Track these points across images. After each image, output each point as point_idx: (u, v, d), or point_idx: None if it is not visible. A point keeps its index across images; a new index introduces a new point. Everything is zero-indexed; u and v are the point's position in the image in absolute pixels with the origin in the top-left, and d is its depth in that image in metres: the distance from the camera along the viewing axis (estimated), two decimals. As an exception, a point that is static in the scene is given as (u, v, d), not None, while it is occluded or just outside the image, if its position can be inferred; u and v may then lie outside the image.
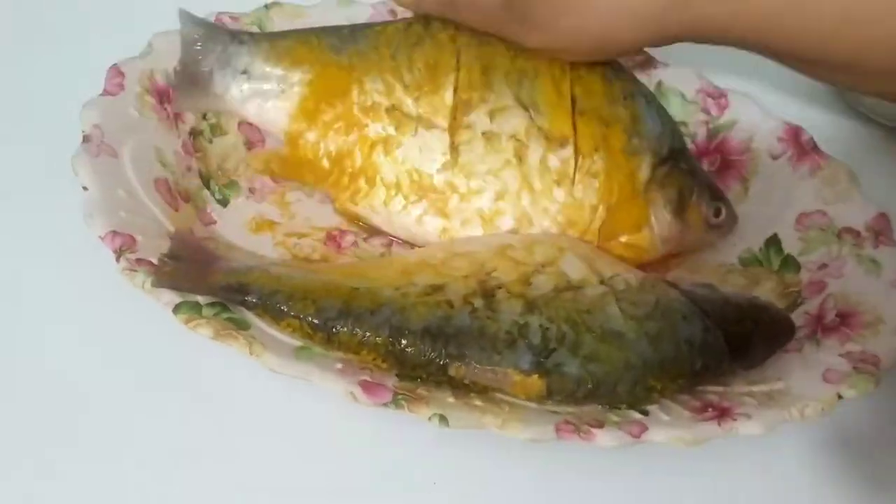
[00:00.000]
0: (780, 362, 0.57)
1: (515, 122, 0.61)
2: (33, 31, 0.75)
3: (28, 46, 0.73)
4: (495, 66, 0.62)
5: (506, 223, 0.61)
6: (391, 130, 0.61)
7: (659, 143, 0.63)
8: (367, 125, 0.62)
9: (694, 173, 0.64)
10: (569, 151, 0.61)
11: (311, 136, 0.62)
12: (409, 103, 0.61)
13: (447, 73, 0.62)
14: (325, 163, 0.62)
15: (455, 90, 0.61)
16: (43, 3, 0.76)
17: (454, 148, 0.61)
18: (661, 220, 0.62)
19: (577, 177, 0.61)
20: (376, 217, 0.62)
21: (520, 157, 0.60)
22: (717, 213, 0.63)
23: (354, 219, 0.63)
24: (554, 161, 0.61)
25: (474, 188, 0.61)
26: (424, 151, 0.61)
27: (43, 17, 0.75)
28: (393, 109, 0.61)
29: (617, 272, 0.57)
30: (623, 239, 0.62)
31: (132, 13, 0.74)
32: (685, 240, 0.64)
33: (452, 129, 0.61)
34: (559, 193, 0.61)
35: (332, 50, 0.63)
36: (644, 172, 0.62)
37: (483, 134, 0.61)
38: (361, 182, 0.62)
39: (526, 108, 0.61)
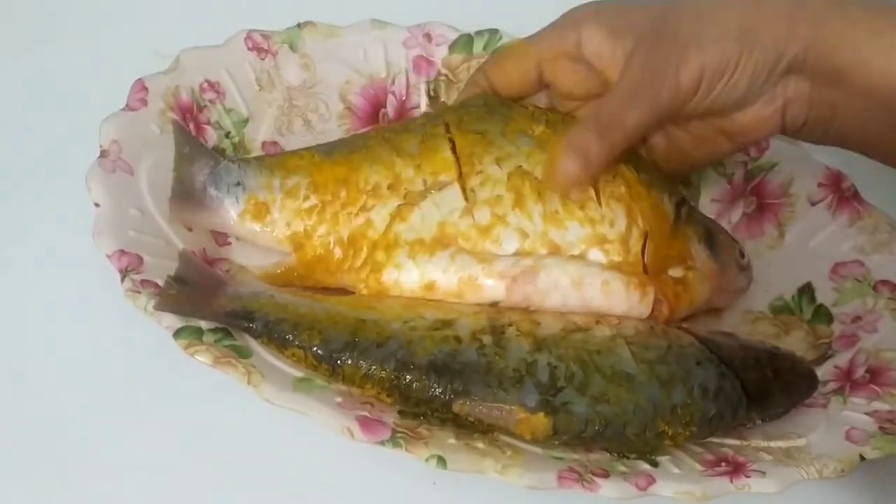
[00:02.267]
0: (803, 416, 0.56)
1: (524, 164, 0.58)
2: (64, 43, 0.76)
3: (60, 58, 0.74)
4: (489, 131, 0.59)
5: (538, 250, 0.57)
6: (401, 201, 0.58)
7: (671, 183, 0.61)
8: (374, 206, 0.58)
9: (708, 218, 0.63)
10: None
11: (320, 230, 0.59)
12: (410, 173, 0.59)
13: (441, 142, 0.59)
14: (338, 251, 0.59)
15: (453, 151, 0.59)
16: (74, 16, 0.77)
17: (469, 191, 0.58)
18: (700, 256, 0.60)
19: (602, 199, 0.58)
20: (406, 275, 0.57)
21: (538, 193, 0.57)
22: (742, 255, 0.62)
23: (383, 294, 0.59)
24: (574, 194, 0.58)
25: (499, 216, 0.57)
26: (441, 206, 0.58)
27: (75, 32, 0.76)
28: (397, 184, 0.59)
29: (620, 318, 0.56)
30: (674, 274, 0.59)
31: (166, 28, 0.74)
32: (722, 284, 0.61)
33: (463, 179, 0.58)
34: (584, 214, 0.57)
35: (322, 154, 0.61)
36: (668, 207, 0.60)
37: (494, 175, 0.58)
38: (380, 255, 0.58)
39: (529, 155, 0.59)
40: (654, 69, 0.54)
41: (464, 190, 0.58)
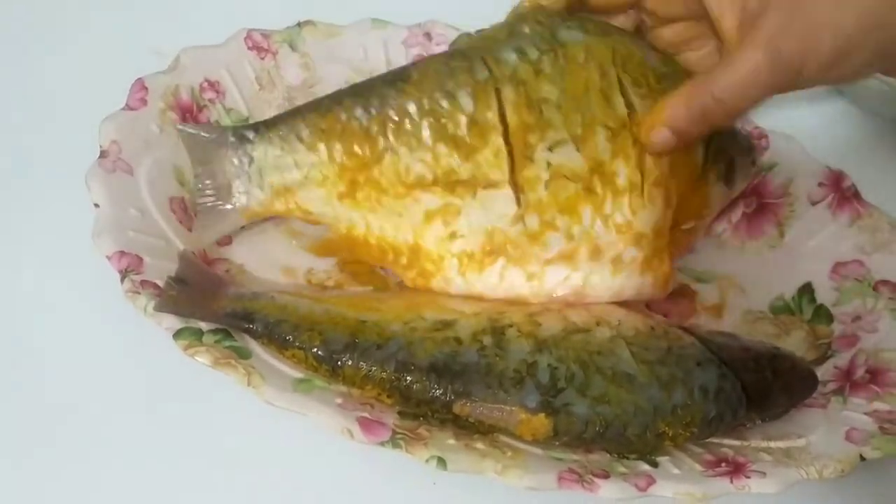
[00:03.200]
0: (803, 416, 0.56)
1: (575, 156, 0.55)
2: (64, 43, 0.75)
3: (59, 57, 0.74)
4: (542, 98, 0.55)
5: (582, 254, 0.56)
6: (446, 199, 0.56)
7: None
8: (417, 199, 0.56)
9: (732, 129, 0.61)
10: (633, 167, 0.55)
11: (354, 216, 0.58)
12: (456, 166, 0.55)
13: (491, 119, 0.55)
14: (380, 244, 0.58)
15: (505, 137, 0.55)
16: (74, 15, 0.77)
17: (519, 188, 0.55)
18: (716, 195, 0.60)
19: (646, 187, 0.55)
20: (454, 287, 0.57)
21: (588, 188, 0.55)
22: (754, 163, 0.63)
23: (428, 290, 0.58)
24: (622, 179, 0.55)
25: (547, 223, 0.55)
26: (489, 210, 0.56)
27: (75, 31, 0.76)
28: (442, 178, 0.55)
29: (621, 319, 0.56)
30: (685, 227, 0.60)
31: (165, 27, 0.74)
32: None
33: (513, 174, 0.55)
34: (628, 210, 0.55)
35: (355, 119, 0.57)
36: (699, 153, 0.58)
37: (548, 169, 0.55)
38: (427, 264, 0.57)
39: (584, 141, 0.55)
40: (780, 51, 0.48)
41: (515, 193, 0.55)
